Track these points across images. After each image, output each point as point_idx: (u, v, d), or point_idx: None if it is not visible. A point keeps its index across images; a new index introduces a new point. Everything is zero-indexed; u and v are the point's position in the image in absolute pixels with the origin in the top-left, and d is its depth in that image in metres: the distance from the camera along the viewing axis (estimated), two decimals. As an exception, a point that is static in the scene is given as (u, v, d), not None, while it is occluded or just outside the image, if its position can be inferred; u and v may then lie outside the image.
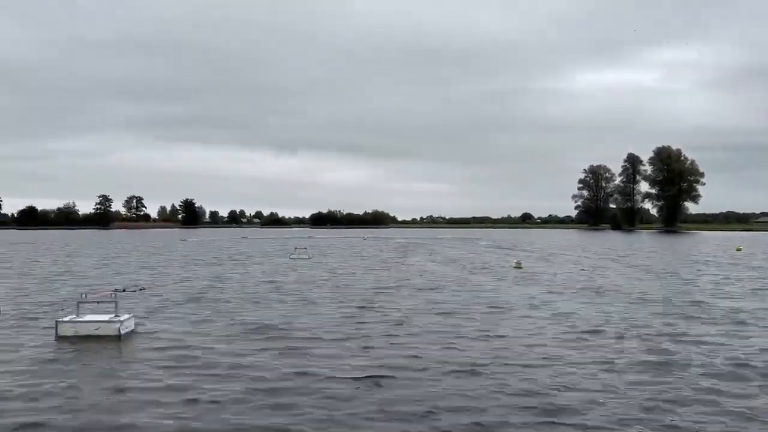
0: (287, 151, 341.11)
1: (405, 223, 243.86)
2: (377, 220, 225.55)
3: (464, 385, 9.80)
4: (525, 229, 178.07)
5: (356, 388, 9.59)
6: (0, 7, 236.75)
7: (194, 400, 8.95)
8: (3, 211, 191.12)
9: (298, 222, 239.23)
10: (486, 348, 12.49)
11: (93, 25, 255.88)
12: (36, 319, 15.86)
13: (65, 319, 14.06)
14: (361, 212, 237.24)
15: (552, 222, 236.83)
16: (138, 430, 7.83)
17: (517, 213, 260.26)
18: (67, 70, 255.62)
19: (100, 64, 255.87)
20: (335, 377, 10.21)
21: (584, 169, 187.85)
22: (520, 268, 32.69)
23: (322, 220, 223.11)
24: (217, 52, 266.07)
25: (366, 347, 12.56)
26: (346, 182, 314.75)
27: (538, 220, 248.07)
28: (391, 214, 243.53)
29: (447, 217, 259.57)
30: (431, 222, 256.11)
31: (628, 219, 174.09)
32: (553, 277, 27.82)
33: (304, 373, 10.43)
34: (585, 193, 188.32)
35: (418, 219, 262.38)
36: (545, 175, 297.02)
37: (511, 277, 28.24)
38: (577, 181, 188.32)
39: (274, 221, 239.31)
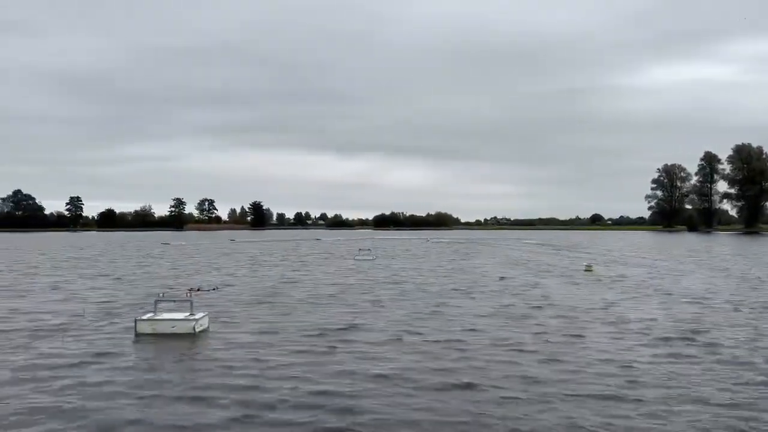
0: (351, 153, 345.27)
1: (469, 225, 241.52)
2: (440, 221, 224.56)
3: (528, 391, 9.47)
4: (595, 231, 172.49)
5: (431, 397, 9.43)
6: (79, 19, 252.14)
7: (261, 397, 9.05)
8: (84, 214, 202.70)
9: (362, 224, 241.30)
10: (561, 359, 12.05)
11: (166, 35, 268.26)
12: (117, 317, 16.57)
13: (144, 317, 14.61)
14: (424, 214, 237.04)
15: (624, 223, 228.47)
16: (208, 425, 7.97)
17: (586, 214, 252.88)
18: (143, 79, 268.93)
19: (174, 73, 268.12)
20: (403, 382, 10.09)
21: (658, 169, 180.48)
22: (591, 271, 31.58)
23: (385, 222, 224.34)
24: (283, 60, 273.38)
25: (427, 352, 12.38)
26: (410, 184, 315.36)
27: (609, 222, 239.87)
28: (455, 216, 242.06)
29: (512, 219, 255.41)
30: (496, 223, 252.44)
31: (706, 220, 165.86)
32: (627, 281, 26.69)
33: (383, 377, 10.36)
34: (659, 193, 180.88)
35: (482, 221, 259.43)
36: (616, 175, 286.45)
37: (582, 280, 27.30)
38: (651, 180, 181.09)
39: (339, 223, 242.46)
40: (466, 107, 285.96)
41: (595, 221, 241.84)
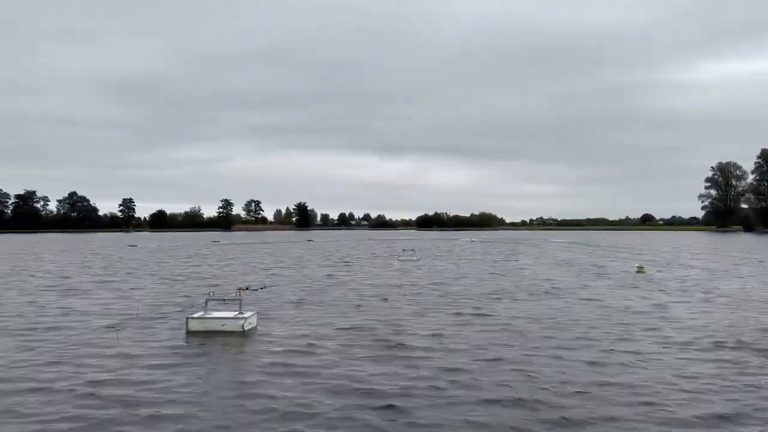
0: (395, 154, 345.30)
1: (514, 225, 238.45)
2: (484, 221, 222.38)
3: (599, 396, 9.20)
4: (645, 231, 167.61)
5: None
6: (131, 26, 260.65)
7: (309, 395, 9.10)
8: (136, 215, 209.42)
9: (405, 224, 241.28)
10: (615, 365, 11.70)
11: (214, 40, 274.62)
12: (168, 315, 16.98)
13: (195, 315, 14.92)
14: (467, 214, 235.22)
15: (676, 224, 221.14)
16: (257, 422, 8.05)
17: (636, 214, 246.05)
18: (192, 83, 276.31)
19: (222, 76, 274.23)
20: (449, 385, 9.98)
21: (712, 167, 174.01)
22: (643, 272, 30.64)
23: (428, 223, 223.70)
24: (329, 61, 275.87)
25: (461, 353, 12.22)
26: (454, 184, 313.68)
27: (660, 222, 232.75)
28: (499, 216, 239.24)
29: (559, 219, 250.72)
30: (542, 224, 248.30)
31: (763, 220, 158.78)
32: (681, 284, 25.78)
33: (425, 378, 10.29)
34: (713, 192, 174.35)
35: (528, 221, 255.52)
36: (668, 174, 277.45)
37: (634, 282, 26.50)
38: (704, 179, 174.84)
39: (382, 224, 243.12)
40: (512, 106, 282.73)
41: (646, 221, 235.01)
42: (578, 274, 31.14)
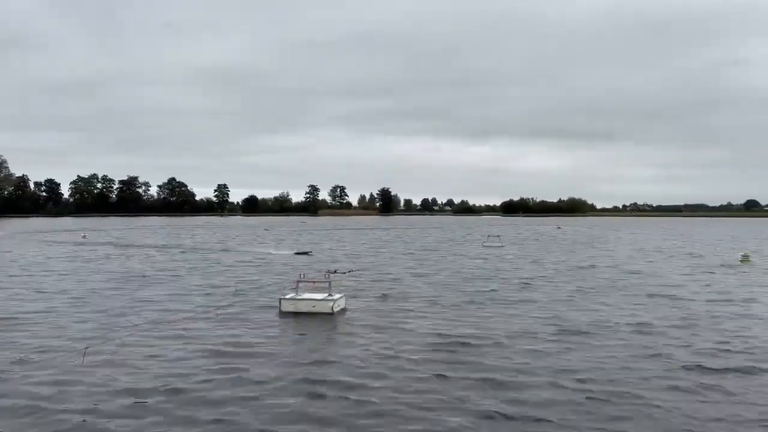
0: (481, 138, 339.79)
1: (605, 211, 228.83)
2: (573, 208, 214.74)
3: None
4: (750, 218, 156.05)
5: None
6: (227, 18, 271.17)
7: (395, 373, 9.52)
8: (230, 200, 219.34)
9: (489, 210, 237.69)
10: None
11: (303, 29, 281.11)
12: (264, 295, 17.99)
13: (287, 297, 15.75)
14: (555, 200, 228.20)
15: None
16: (349, 397, 8.56)
17: (739, 200, 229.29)
18: (281, 72, 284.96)
19: (310, 65, 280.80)
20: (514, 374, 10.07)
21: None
22: (748, 261, 28.83)
23: (513, 208, 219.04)
24: (417, 46, 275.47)
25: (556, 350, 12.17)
26: (540, 169, 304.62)
27: (767, 208, 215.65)
28: (590, 202, 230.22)
29: (654, 205, 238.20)
30: (635, 210, 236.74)
31: None
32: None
33: (506, 369, 10.44)
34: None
35: (620, 207, 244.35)
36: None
37: (739, 273, 25.06)
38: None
39: (465, 209, 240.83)
40: (601, 86, 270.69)
41: (750, 207, 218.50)
42: (686, 266, 29.72)
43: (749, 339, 12.27)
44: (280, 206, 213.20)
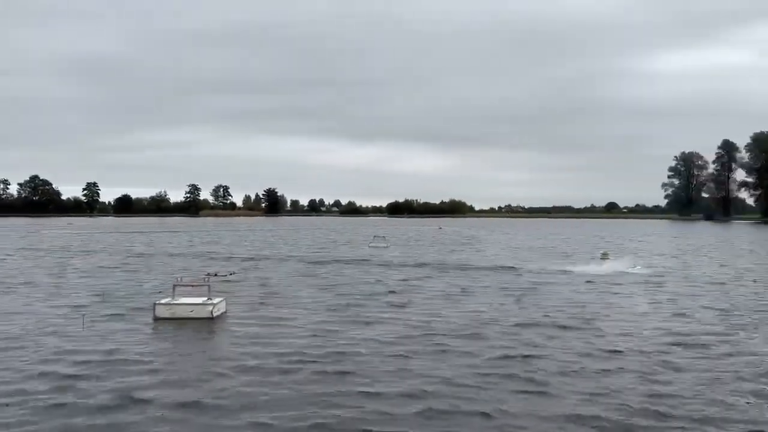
0: (365, 140, 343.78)
1: (482, 213, 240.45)
2: (454, 209, 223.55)
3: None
4: (610, 220, 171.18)
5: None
6: (94, 5, 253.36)
7: (275, 378, 9.34)
8: (101, 200, 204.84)
9: (376, 211, 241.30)
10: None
11: (184, 20, 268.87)
12: (134, 301, 16.91)
13: (162, 301, 14.91)
14: (437, 201, 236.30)
15: (639, 212, 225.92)
16: (221, 405, 8.26)
17: (601, 202, 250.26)
18: (158, 64, 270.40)
19: (189, 58, 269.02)
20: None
21: (675, 157, 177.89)
22: (607, 258, 31.49)
23: (398, 209, 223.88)
24: (302, 44, 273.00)
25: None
26: (424, 171, 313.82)
27: (625, 210, 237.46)
28: (469, 204, 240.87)
29: (526, 207, 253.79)
30: (509, 211, 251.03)
31: (723, 209, 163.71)
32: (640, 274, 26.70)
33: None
34: (675, 181, 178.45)
35: (496, 208, 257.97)
36: (632, 163, 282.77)
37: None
38: (667, 168, 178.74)
39: (352, 210, 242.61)
40: (482, 93, 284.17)
41: (611, 209, 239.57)
42: (544, 260, 31.88)
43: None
44: (157, 206, 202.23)
